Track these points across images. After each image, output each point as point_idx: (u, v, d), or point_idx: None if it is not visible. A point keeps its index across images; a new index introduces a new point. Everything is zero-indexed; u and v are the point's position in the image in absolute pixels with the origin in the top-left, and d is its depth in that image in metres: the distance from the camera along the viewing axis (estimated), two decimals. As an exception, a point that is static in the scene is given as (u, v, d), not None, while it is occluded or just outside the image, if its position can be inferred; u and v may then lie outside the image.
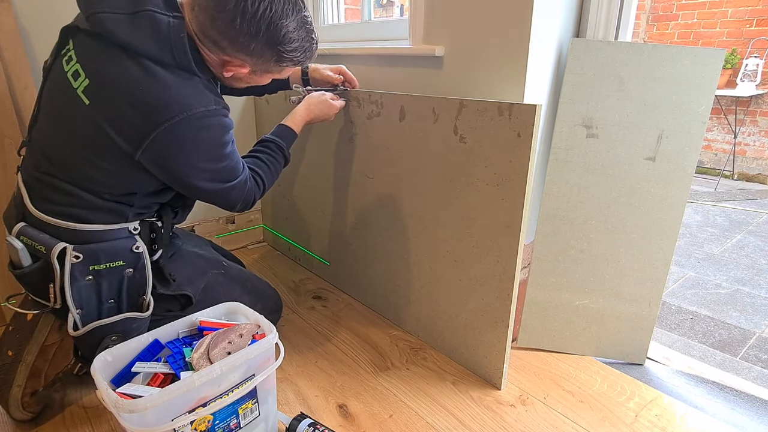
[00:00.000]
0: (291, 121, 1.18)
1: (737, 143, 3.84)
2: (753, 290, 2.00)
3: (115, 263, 0.93)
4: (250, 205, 1.07)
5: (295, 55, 0.92)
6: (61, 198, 0.90)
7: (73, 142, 0.88)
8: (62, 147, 0.89)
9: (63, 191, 0.89)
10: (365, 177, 1.35)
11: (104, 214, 0.92)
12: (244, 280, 1.25)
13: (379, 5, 2.55)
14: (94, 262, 0.91)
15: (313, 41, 0.94)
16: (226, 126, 0.93)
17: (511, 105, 0.94)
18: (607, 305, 1.20)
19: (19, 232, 0.90)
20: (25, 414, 0.99)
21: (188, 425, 0.80)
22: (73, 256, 0.88)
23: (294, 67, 0.98)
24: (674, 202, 1.11)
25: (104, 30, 0.82)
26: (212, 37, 0.86)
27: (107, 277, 0.93)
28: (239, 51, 0.88)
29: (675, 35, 3.96)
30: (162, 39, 0.83)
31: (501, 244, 1.03)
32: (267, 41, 0.87)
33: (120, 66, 0.82)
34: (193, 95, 0.86)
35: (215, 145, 0.92)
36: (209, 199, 0.99)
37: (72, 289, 0.89)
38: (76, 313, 0.90)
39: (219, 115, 0.91)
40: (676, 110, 1.06)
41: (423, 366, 1.21)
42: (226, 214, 1.88)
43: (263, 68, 0.94)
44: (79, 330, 0.91)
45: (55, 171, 0.90)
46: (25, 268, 0.90)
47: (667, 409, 1.06)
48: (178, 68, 0.85)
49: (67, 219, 0.90)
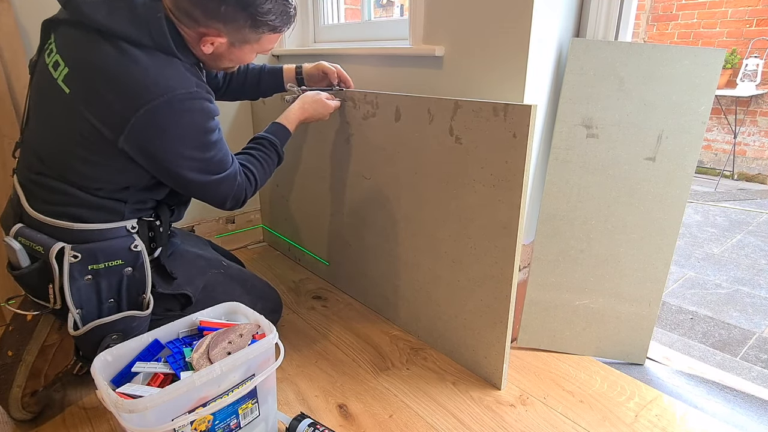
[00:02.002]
0: (285, 119, 1.17)
1: (737, 143, 3.84)
2: (753, 290, 2.00)
3: (113, 262, 0.93)
4: (241, 202, 1.04)
5: (270, 19, 0.90)
6: (57, 198, 0.90)
7: (60, 137, 0.87)
8: (51, 144, 0.89)
9: (58, 191, 0.89)
10: (362, 177, 1.35)
11: (100, 213, 0.92)
12: (244, 280, 1.25)
13: (379, 5, 2.55)
14: (92, 262, 0.91)
15: (289, 5, 0.91)
16: (209, 111, 0.91)
17: (506, 105, 0.94)
18: (607, 305, 1.20)
19: (16, 233, 0.90)
20: (25, 414, 0.99)
21: (188, 425, 0.80)
22: (72, 256, 0.88)
23: (273, 35, 0.95)
24: (674, 202, 1.11)
25: (82, 15, 0.82)
26: (185, 9, 0.85)
27: (106, 276, 0.93)
28: (212, 18, 0.86)
29: (675, 35, 3.96)
30: (139, 20, 0.83)
31: (499, 244, 1.03)
32: (237, 3, 0.85)
33: (97, 50, 0.82)
34: (173, 77, 0.85)
35: (199, 130, 0.90)
36: (198, 193, 0.97)
37: (71, 289, 0.89)
38: (75, 312, 0.90)
39: (201, 99, 0.88)
40: (676, 110, 1.06)
41: (423, 366, 1.21)
42: (226, 214, 1.88)
43: (240, 37, 0.92)
44: (80, 329, 0.91)
45: (48, 170, 0.90)
46: (24, 268, 0.90)
47: (667, 409, 1.06)
48: (157, 50, 0.84)
49: (65, 219, 0.90)
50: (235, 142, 1.81)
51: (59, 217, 0.90)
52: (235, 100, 1.35)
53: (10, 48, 1.23)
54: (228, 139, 1.78)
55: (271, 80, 1.30)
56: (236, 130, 1.82)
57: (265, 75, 1.29)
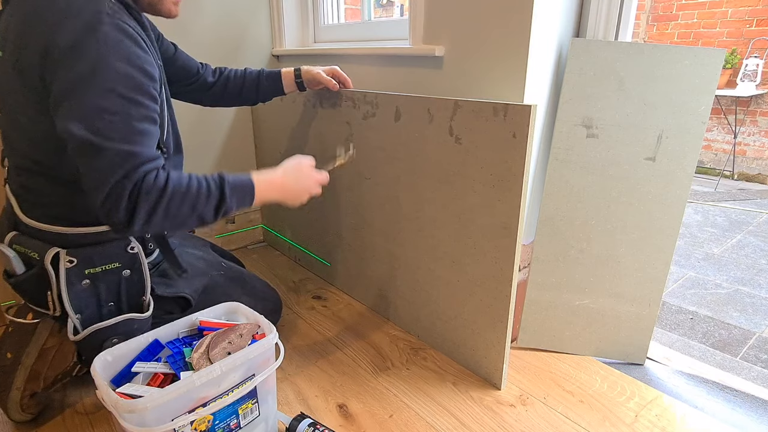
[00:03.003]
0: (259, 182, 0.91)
1: (737, 143, 3.84)
2: (753, 290, 2.00)
3: (110, 265, 0.92)
4: (122, 210, 0.74)
5: None
6: (45, 199, 0.89)
7: (15, 121, 0.84)
8: (16, 136, 0.87)
9: (43, 192, 0.88)
10: (362, 177, 1.35)
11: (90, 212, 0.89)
12: (244, 281, 1.25)
13: (379, 5, 2.55)
14: (89, 266, 0.90)
15: None
16: (125, 45, 0.75)
17: (506, 105, 0.94)
18: (607, 305, 1.20)
19: (10, 240, 0.90)
20: (24, 415, 0.99)
21: (188, 425, 0.80)
22: (67, 261, 0.87)
23: None
24: (674, 202, 1.11)
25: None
26: None
27: (104, 280, 0.92)
28: None
29: (675, 35, 3.96)
30: None
31: (498, 244, 1.03)
32: None
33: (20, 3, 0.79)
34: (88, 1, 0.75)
35: (104, 63, 0.72)
36: (76, 155, 0.75)
37: (69, 294, 0.88)
38: (75, 318, 0.89)
39: (116, 24, 0.74)
40: (676, 110, 1.06)
41: (423, 366, 1.21)
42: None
43: None
44: (79, 334, 0.90)
45: (27, 169, 0.88)
46: (20, 275, 0.90)
47: (667, 409, 1.06)
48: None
49: (58, 223, 0.89)
50: (237, 146, 1.82)
51: (53, 222, 0.89)
52: (233, 106, 1.34)
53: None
54: (227, 143, 1.81)
55: (269, 84, 1.28)
56: (237, 131, 1.82)
57: (264, 79, 1.28)
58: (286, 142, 1.65)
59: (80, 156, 0.74)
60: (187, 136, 1.63)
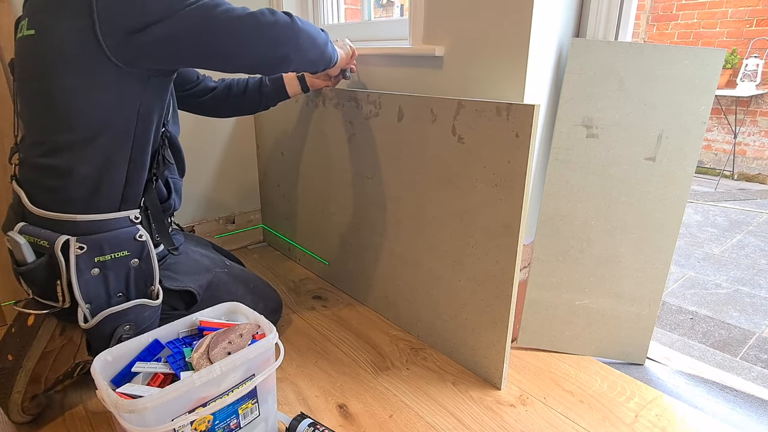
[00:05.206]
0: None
1: (737, 143, 3.84)
2: (753, 290, 2.00)
3: (119, 253, 0.93)
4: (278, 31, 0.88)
5: None
6: (54, 183, 0.89)
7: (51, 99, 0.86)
8: (34, 112, 0.88)
9: (52, 173, 0.88)
10: (364, 177, 1.35)
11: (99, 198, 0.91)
12: (247, 280, 1.25)
13: (379, 5, 2.55)
14: (98, 253, 0.90)
15: None
16: None
17: (509, 105, 0.94)
18: (607, 305, 1.20)
19: (20, 230, 0.90)
20: (24, 417, 0.99)
21: (188, 425, 0.80)
22: (77, 248, 0.88)
23: None
24: (674, 202, 1.11)
25: None
26: None
27: (113, 268, 0.92)
28: None
29: (675, 35, 3.96)
30: None
31: (500, 244, 1.03)
32: None
33: None
34: None
35: None
36: (201, 26, 0.84)
37: (79, 283, 0.89)
38: (85, 307, 0.90)
39: None
40: (676, 110, 1.06)
41: (423, 366, 1.21)
42: (226, 214, 1.88)
43: None
44: (90, 322, 0.91)
45: (56, 149, 0.88)
46: (30, 264, 0.90)
47: (667, 409, 1.06)
48: None
49: (68, 209, 0.89)
50: (239, 147, 1.82)
51: (64, 209, 0.89)
52: (236, 115, 1.35)
53: (10, 48, 1.23)
54: (229, 143, 1.81)
55: (272, 86, 1.29)
56: (238, 132, 1.82)
57: (267, 82, 1.29)
58: (288, 142, 1.65)
59: (205, 21, 0.83)
60: (190, 136, 1.63)
